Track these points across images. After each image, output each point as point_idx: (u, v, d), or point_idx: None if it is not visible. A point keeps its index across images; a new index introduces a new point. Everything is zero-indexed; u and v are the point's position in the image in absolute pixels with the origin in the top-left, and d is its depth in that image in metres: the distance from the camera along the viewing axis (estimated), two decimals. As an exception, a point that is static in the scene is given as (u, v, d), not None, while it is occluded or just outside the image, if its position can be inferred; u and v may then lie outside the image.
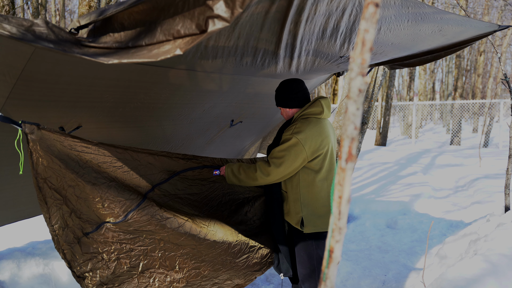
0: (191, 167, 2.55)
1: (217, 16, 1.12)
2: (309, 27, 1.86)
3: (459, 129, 14.71)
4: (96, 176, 2.02)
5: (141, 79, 2.20)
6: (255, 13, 1.59)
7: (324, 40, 2.10)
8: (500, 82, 17.06)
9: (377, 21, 1.99)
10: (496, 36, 16.61)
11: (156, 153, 2.35)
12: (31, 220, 4.54)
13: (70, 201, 1.98)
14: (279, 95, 2.59)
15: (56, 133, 1.86)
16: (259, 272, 2.70)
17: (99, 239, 2.08)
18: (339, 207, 0.60)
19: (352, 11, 1.87)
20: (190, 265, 2.37)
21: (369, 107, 5.11)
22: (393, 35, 2.34)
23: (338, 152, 1.88)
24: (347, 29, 2.05)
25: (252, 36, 1.80)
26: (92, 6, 4.44)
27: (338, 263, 0.64)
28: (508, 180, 3.67)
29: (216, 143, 3.63)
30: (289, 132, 2.40)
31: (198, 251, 2.36)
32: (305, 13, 1.71)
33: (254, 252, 2.61)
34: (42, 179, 1.87)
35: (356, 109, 0.57)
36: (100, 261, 2.11)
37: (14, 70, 1.66)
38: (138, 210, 2.12)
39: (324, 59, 2.51)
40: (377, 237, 4.83)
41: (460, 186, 7.62)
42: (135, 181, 2.22)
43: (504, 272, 2.31)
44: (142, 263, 2.23)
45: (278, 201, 2.57)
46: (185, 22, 1.17)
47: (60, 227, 1.97)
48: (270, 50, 2.04)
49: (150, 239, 2.21)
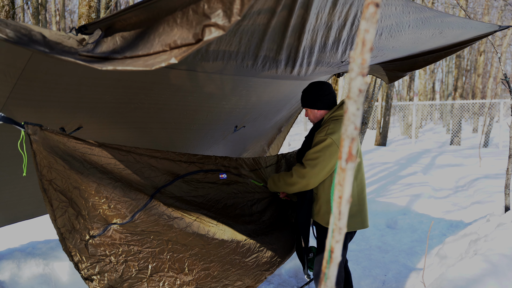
0: (195, 171, 2.54)
1: (214, 24, 1.11)
2: (311, 37, 1.86)
3: (459, 129, 14.71)
4: (101, 177, 2.00)
5: (142, 79, 2.20)
6: (256, 23, 1.60)
7: (326, 50, 2.11)
8: (500, 82, 17.06)
9: (378, 28, 1.99)
10: (496, 36, 16.61)
11: (158, 156, 2.33)
12: (31, 221, 4.54)
13: (76, 203, 1.96)
14: (308, 97, 2.60)
15: (59, 135, 1.85)
16: (269, 271, 2.69)
17: (107, 241, 2.06)
18: (339, 207, 0.60)
19: (354, 21, 1.88)
20: (199, 266, 2.35)
21: (369, 107, 5.11)
22: (394, 40, 2.35)
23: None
24: (349, 37, 2.06)
25: (253, 42, 1.80)
26: (92, 6, 4.44)
27: (338, 263, 0.64)
28: (508, 180, 3.67)
29: (218, 147, 3.65)
30: (323, 134, 2.43)
31: (206, 251, 2.34)
32: (308, 24, 1.71)
33: (264, 252, 2.61)
34: (47, 180, 1.86)
35: (356, 109, 0.57)
36: (108, 264, 2.08)
37: (15, 70, 1.66)
38: (145, 211, 2.10)
39: (326, 65, 2.53)
40: (377, 237, 4.83)
41: (460, 186, 7.62)
42: (141, 182, 2.20)
43: (504, 272, 2.31)
44: (151, 265, 2.21)
45: (309, 202, 2.60)
46: (183, 32, 1.17)
47: (67, 230, 1.95)
48: (271, 56, 2.04)
49: (158, 241, 2.19)
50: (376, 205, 5.94)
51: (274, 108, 3.54)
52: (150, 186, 2.25)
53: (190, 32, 1.16)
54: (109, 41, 1.28)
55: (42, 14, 13.29)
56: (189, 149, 3.27)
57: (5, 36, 1.15)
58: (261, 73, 2.50)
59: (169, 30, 1.19)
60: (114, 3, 13.61)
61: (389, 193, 6.68)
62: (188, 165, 2.50)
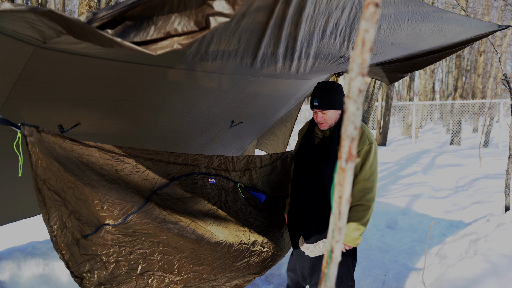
0: (188, 173, 2.56)
1: (218, 13, 1.11)
2: (309, 27, 1.86)
3: (459, 129, 14.71)
4: (96, 179, 2.02)
5: (140, 78, 2.20)
6: (255, 22, 1.59)
7: (324, 40, 2.10)
8: (500, 82, 17.06)
9: (377, 20, 1.98)
10: (496, 36, 16.61)
11: (154, 158, 2.36)
12: (31, 220, 4.54)
13: (70, 203, 1.98)
14: (334, 96, 2.39)
15: (56, 136, 1.87)
16: (259, 274, 2.69)
17: (98, 242, 2.08)
18: (339, 207, 0.60)
19: (352, 9, 1.87)
20: (188, 269, 2.37)
21: (369, 107, 5.11)
22: (393, 35, 2.34)
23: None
24: (347, 27, 2.05)
25: (252, 41, 1.80)
26: (92, 6, 4.44)
27: (338, 263, 0.64)
28: (508, 180, 3.67)
29: (216, 143, 3.63)
30: (366, 142, 2.37)
31: (196, 255, 2.36)
32: (305, 13, 1.70)
33: (255, 256, 2.61)
34: (42, 180, 1.87)
35: (356, 109, 0.57)
36: (98, 262, 2.11)
37: (14, 70, 1.66)
38: (139, 213, 2.13)
39: (325, 60, 2.51)
40: (377, 237, 4.83)
41: (460, 186, 7.62)
42: (137, 184, 2.22)
43: (505, 272, 2.30)
44: (141, 266, 2.24)
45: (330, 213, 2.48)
46: (182, 19, 1.16)
47: (59, 228, 1.97)
48: (269, 52, 2.04)
49: (149, 242, 2.22)
50: (376, 205, 5.94)
51: (273, 107, 3.53)
52: (146, 188, 2.27)
53: (191, 20, 1.15)
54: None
55: (42, 14, 13.29)
56: (187, 144, 3.27)
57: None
58: (260, 72, 2.50)
59: (166, 18, 1.18)
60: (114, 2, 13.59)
61: (389, 193, 6.68)
62: (181, 167, 2.52)
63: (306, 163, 2.51)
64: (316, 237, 2.46)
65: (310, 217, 2.48)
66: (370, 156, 2.37)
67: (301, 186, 2.51)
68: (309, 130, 2.60)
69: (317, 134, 2.54)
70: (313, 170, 2.46)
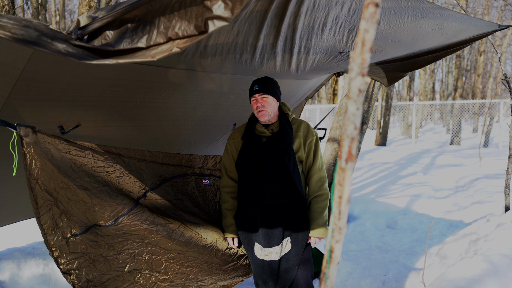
0: (181, 174, 2.57)
1: (216, 17, 1.12)
2: (308, 21, 1.86)
3: (459, 129, 14.71)
4: (88, 181, 2.06)
5: (141, 78, 2.20)
6: (254, 11, 1.59)
7: (323, 35, 2.10)
8: (500, 82, 17.07)
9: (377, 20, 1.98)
10: (496, 36, 16.61)
11: (148, 159, 2.38)
12: (31, 220, 4.53)
13: (61, 203, 2.02)
14: (275, 86, 2.42)
15: (51, 137, 1.91)
16: (246, 276, 2.68)
17: (88, 241, 2.13)
18: (339, 207, 0.60)
19: (352, 4, 1.88)
20: (176, 269, 2.40)
21: (369, 107, 5.11)
22: (393, 31, 2.33)
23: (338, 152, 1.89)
24: (346, 21, 2.05)
25: (251, 33, 1.80)
26: (92, 6, 4.44)
27: (338, 263, 0.64)
28: (508, 180, 3.67)
29: (218, 144, 3.64)
30: (313, 133, 2.49)
31: (184, 257, 2.39)
32: (304, 7, 1.71)
33: (243, 259, 2.60)
34: (35, 179, 1.91)
35: (356, 109, 0.57)
36: (87, 260, 2.15)
37: (14, 71, 1.66)
38: (129, 216, 2.17)
39: (324, 55, 2.50)
40: (377, 237, 4.83)
41: (460, 186, 7.62)
42: (128, 186, 2.26)
43: (505, 272, 2.30)
44: (129, 265, 2.28)
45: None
46: (182, 24, 1.17)
47: (49, 227, 2.01)
48: (268, 44, 2.02)
49: (138, 243, 2.26)
50: (376, 205, 5.95)
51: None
52: (137, 190, 2.30)
53: (191, 24, 1.16)
54: (107, 36, 1.28)
55: (42, 14, 13.29)
56: (188, 147, 3.27)
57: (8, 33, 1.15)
58: (260, 69, 2.49)
59: (167, 22, 1.19)
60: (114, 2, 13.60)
61: (389, 193, 6.68)
62: (174, 168, 2.53)
63: (259, 163, 2.40)
64: (280, 237, 2.39)
65: (275, 217, 2.38)
66: (319, 146, 2.48)
67: (262, 187, 2.37)
68: (249, 133, 2.45)
69: (263, 132, 2.43)
70: (271, 167, 2.37)
